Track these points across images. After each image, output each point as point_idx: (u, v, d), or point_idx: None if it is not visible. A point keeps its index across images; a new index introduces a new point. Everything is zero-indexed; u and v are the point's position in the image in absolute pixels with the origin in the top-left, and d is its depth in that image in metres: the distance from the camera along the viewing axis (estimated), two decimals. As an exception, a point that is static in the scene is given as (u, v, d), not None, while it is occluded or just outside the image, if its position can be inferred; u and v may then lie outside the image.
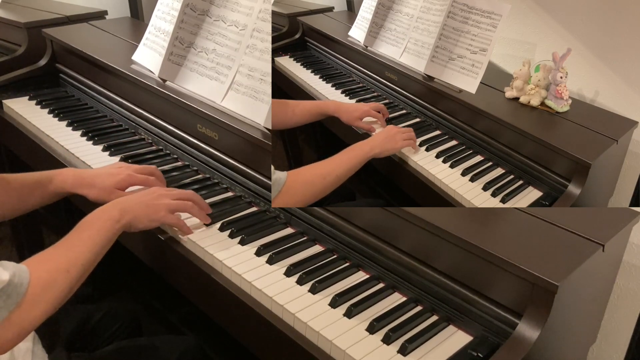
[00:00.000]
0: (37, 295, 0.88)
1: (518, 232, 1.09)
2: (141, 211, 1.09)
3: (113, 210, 1.06)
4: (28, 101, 1.73)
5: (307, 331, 0.97)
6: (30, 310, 0.87)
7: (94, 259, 0.99)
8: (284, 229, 1.23)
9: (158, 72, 1.48)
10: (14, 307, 0.84)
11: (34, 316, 0.88)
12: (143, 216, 1.09)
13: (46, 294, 0.89)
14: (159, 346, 1.20)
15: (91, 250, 0.98)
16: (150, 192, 1.15)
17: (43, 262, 0.93)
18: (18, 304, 0.85)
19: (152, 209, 1.11)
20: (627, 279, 1.48)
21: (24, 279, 0.86)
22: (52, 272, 0.91)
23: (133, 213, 1.07)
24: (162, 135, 1.51)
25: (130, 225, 1.07)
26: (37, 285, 0.88)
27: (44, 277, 0.89)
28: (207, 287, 1.12)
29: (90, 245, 0.98)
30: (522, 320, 0.91)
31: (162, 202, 1.13)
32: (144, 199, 1.12)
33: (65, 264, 0.93)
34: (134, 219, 1.07)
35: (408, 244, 1.07)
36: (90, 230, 1.01)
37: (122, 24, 2.06)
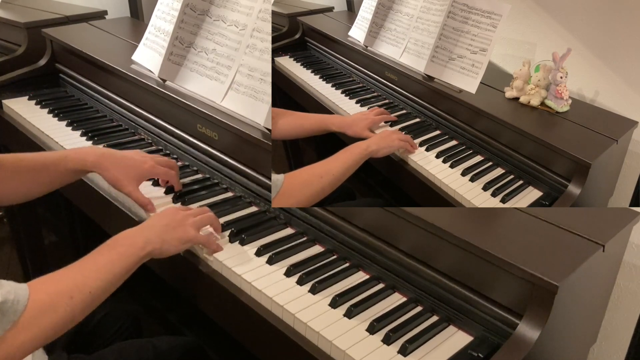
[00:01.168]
0: (32, 320, 0.80)
1: (518, 232, 1.09)
2: (169, 235, 1.03)
3: (137, 237, 0.99)
4: (28, 101, 1.73)
5: (307, 331, 0.97)
6: (20, 335, 0.79)
7: (106, 287, 0.91)
8: (284, 229, 1.23)
9: (158, 72, 1.48)
10: (9, 326, 0.78)
11: (22, 341, 0.80)
12: (173, 240, 1.04)
13: (42, 318, 0.81)
14: (159, 346, 1.20)
15: (104, 278, 0.91)
16: (172, 213, 1.09)
17: (46, 284, 0.86)
18: (14, 323, 0.78)
19: (181, 231, 1.05)
20: (627, 279, 1.47)
21: (21, 297, 0.80)
22: (52, 295, 0.84)
23: (160, 239, 1.01)
24: (162, 135, 1.51)
25: (159, 252, 1.02)
26: (33, 307, 0.80)
27: (43, 300, 0.82)
28: (207, 287, 1.12)
29: (105, 273, 0.91)
30: (522, 321, 0.91)
31: (187, 221, 1.07)
32: (169, 222, 1.06)
33: (69, 289, 0.86)
34: (162, 245, 1.02)
35: (408, 244, 1.07)
36: (108, 256, 0.94)
37: (122, 24, 2.06)
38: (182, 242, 1.06)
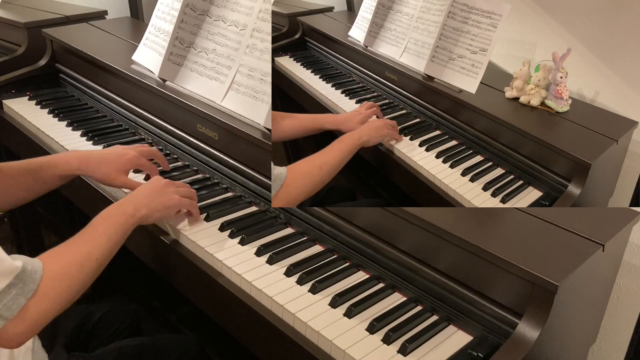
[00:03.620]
0: (50, 288, 0.87)
1: (518, 232, 1.09)
2: (155, 201, 1.12)
3: (127, 206, 1.07)
4: (28, 101, 1.73)
5: (307, 331, 0.97)
6: (41, 303, 0.85)
7: (108, 254, 0.99)
8: (284, 229, 1.23)
9: (158, 72, 1.48)
10: (31, 295, 0.84)
11: (45, 309, 0.86)
12: (158, 205, 1.12)
13: (59, 286, 0.88)
14: (158, 346, 1.20)
15: (105, 245, 0.98)
16: (155, 181, 1.17)
17: (56, 256, 0.92)
18: (34, 292, 0.84)
19: (166, 197, 1.14)
20: (627, 279, 1.47)
21: (37, 267, 0.86)
22: (65, 265, 0.91)
23: (147, 206, 1.09)
24: (162, 135, 1.51)
25: (147, 216, 1.09)
26: (49, 277, 0.87)
27: (57, 270, 0.89)
28: (207, 287, 1.12)
29: (105, 240, 0.99)
30: (522, 320, 0.91)
31: (171, 189, 1.16)
32: (154, 189, 1.14)
33: (78, 258, 0.93)
34: (150, 210, 1.09)
35: (408, 244, 1.07)
36: (104, 226, 1.01)
37: (122, 24, 2.06)
38: (166, 207, 1.14)
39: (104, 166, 1.21)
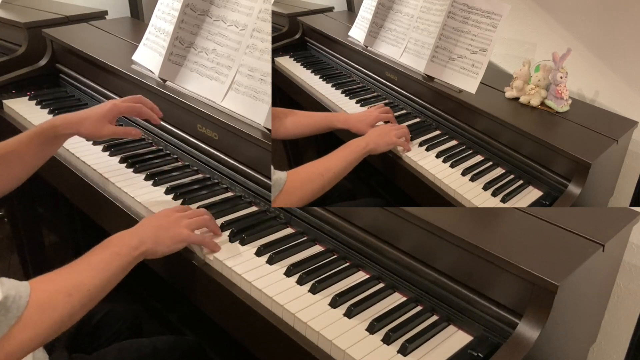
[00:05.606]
0: (34, 316, 0.81)
1: (518, 232, 1.09)
2: (162, 235, 1.05)
3: (131, 238, 1.01)
4: (28, 101, 1.73)
5: (307, 331, 0.97)
6: (24, 331, 0.80)
7: (103, 285, 0.93)
8: (284, 229, 1.23)
9: (158, 72, 1.48)
10: (14, 322, 0.79)
11: (27, 338, 0.81)
12: (166, 239, 1.05)
13: (43, 315, 0.83)
14: (159, 346, 1.20)
15: (100, 277, 0.92)
16: (165, 214, 1.11)
17: (46, 282, 0.87)
18: (18, 319, 0.79)
19: (174, 231, 1.07)
20: (627, 279, 1.48)
21: (22, 293, 0.81)
22: (51, 293, 0.85)
23: (154, 240, 1.03)
24: (162, 135, 1.51)
25: (153, 251, 1.03)
26: (34, 305, 0.82)
27: (41, 298, 0.83)
28: (207, 287, 1.12)
29: (100, 271, 0.93)
30: (522, 320, 0.91)
31: (181, 222, 1.09)
32: (162, 223, 1.07)
33: (67, 287, 0.87)
34: (156, 245, 1.03)
35: (408, 244, 1.07)
36: (102, 256, 0.96)
37: (122, 24, 2.07)
38: (175, 242, 1.07)
39: (86, 121, 1.19)
